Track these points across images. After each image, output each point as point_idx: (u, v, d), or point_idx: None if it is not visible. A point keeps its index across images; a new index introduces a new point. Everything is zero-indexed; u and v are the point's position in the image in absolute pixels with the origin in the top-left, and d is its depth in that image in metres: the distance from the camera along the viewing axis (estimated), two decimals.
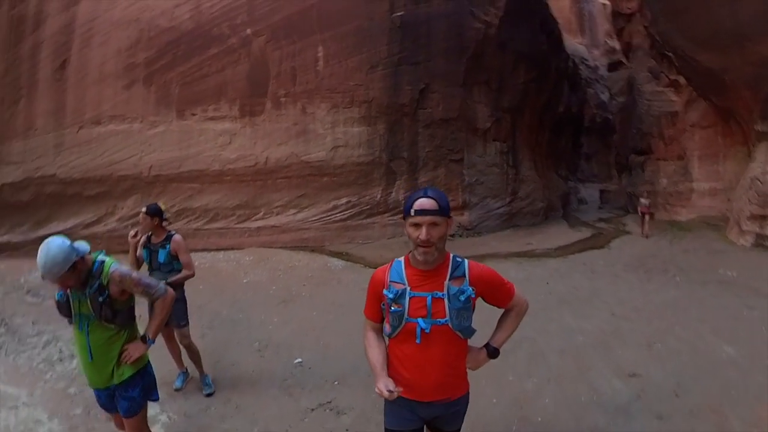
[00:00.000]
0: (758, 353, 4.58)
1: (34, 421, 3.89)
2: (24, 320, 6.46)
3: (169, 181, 10.82)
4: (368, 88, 10.58)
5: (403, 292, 1.93)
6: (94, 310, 2.37)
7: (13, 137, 12.29)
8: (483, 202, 12.49)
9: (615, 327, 5.56)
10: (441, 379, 1.97)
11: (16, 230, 12.16)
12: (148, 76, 11.30)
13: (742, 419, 3.49)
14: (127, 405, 2.55)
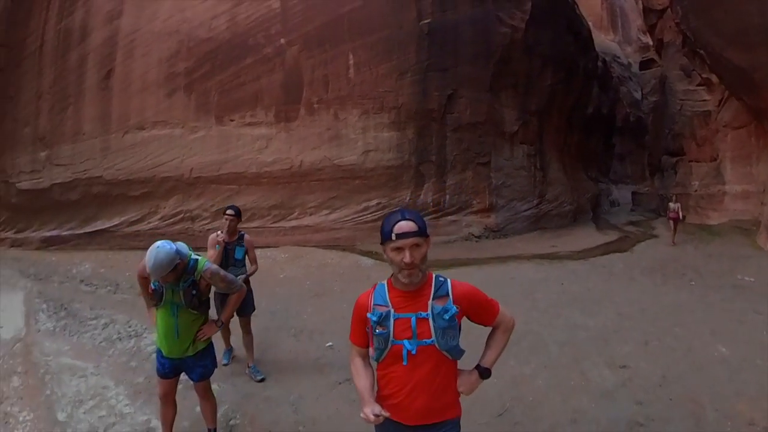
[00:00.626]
0: (751, 354, 4.81)
1: (102, 387, 4.50)
2: (82, 306, 7.16)
3: (209, 182, 11.55)
4: (398, 95, 11.11)
5: (387, 314, 1.94)
6: (186, 299, 2.98)
7: (62, 141, 13.25)
8: (510, 204, 12.82)
9: (618, 325, 5.87)
10: (429, 402, 1.95)
11: (64, 226, 13.08)
12: (189, 85, 12.07)
13: (718, 411, 3.79)
14: (201, 371, 3.21)
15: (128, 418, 3.96)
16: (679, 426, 3.64)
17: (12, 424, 3.76)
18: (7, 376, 4.62)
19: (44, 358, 5.07)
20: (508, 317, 2.10)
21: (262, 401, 4.29)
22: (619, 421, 3.75)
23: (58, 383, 4.50)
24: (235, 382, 4.51)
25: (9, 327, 6.08)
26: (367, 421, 1.84)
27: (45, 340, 5.63)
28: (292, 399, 4.26)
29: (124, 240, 12.17)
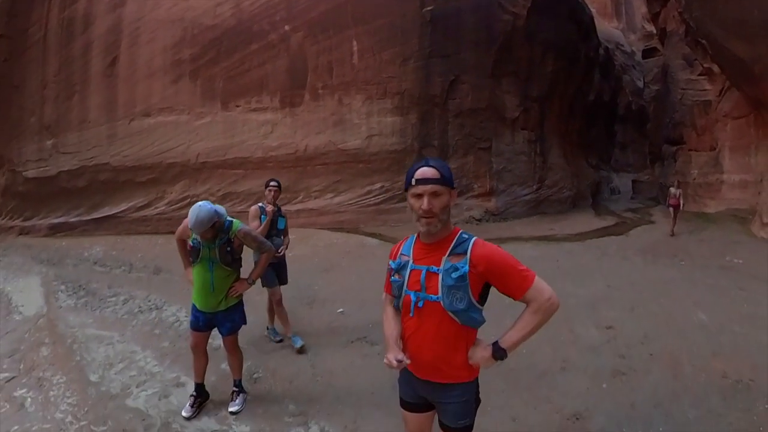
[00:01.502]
0: (729, 321, 5.10)
1: (129, 351, 4.76)
2: (99, 285, 7.43)
3: (215, 167, 11.78)
4: (401, 80, 11.34)
5: (406, 263, 1.93)
6: (221, 256, 3.29)
7: (68, 129, 13.40)
8: (510, 189, 13.11)
9: (606, 294, 6.23)
10: (432, 360, 1.90)
11: (72, 213, 13.28)
12: (194, 71, 12.25)
13: (694, 366, 4.10)
14: (230, 326, 3.51)
15: (158, 375, 4.22)
16: (657, 376, 3.95)
17: (46, 387, 3.99)
18: (36, 347, 4.83)
19: (70, 329, 5.32)
20: (546, 296, 1.82)
21: (281, 358, 4.58)
22: (603, 370, 4.09)
23: (86, 350, 4.76)
24: (257, 343, 4.82)
25: (30, 305, 6.31)
26: (390, 366, 1.82)
27: (68, 315, 5.88)
28: (309, 355, 4.56)
29: (132, 225, 12.39)
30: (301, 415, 3.59)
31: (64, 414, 3.59)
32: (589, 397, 3.69)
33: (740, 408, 3.46)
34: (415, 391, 2.07)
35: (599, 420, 3.39)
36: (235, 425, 3.48)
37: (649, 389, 3.77)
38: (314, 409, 3.66)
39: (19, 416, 3.58)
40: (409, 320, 1.93)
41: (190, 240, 3.30)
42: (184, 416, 3.47)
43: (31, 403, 3.77)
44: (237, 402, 3.65)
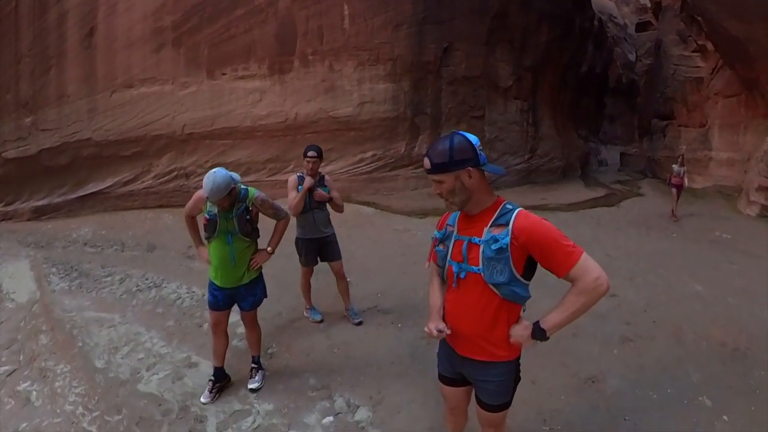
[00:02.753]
0: (723, 293, 5.37)
1: (134, 333, 4.54)
2: (92, 266, 7.12)
3: (202, 138, 11.36)
4: (393, 46, 10.95)
5: (450, 234, 1.91)
6: (240, 226, 3.07)
7: (47, 105, 12.63)
8: (502, 158, 13.00)
9: (606, 264, 6.31)
10: (470, 334, 1.87)
11: (55, 192, 12.71)
12: (177, 39, 11.64)
13: (695, 333, 4.31)
14: (252, 300, 3.33)
15: (167, 357, 4.05)
16: (662, 343, 4.15)
17: (50, 377, 3.77)
18: (34, 335, 4.59)
19: (67, 314, 5.05)
20: (593, 276, 1.71)
21: (294, 331, 4.44)
22: (612, 336, 4.27)
23: (88, 335, 4.53)
24: (264, 315, 4.58)
25: (22, 291, 5.99)
26: (430, 335, 1.81)
27: (63, 299, 5.59)
28: (322, 327, 4.44)
29: (118, 201, 11.95)
30: (324, 389, 3.47)
31: (74, 405, 3.39)
32: (602, 361, 3.84)
33: (738, 373, 3.67)
34: (453, 366, 2.04)
35: (613, 383, 3.53)
36: (257, 403, 3.33)
37: (655, 354, 3.95)
38: (336, 382, 3.55)
39: (27, 412, 3.36)
40: (451, 291, 1.91)
41: (205, 213, 3.07)
42: (203, 402, 3.28)
43: (36, 396, 3.55)
44: (256, 379, 3.50)
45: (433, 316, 1.94)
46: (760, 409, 3.19)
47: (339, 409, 3.23)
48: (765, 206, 10.01)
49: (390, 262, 6.64)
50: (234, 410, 3.24)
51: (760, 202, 10.14)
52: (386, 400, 3.29)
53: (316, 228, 4.40)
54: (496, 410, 1.98)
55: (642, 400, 3.30)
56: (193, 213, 3.31)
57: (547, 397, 3.30)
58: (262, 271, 3.44)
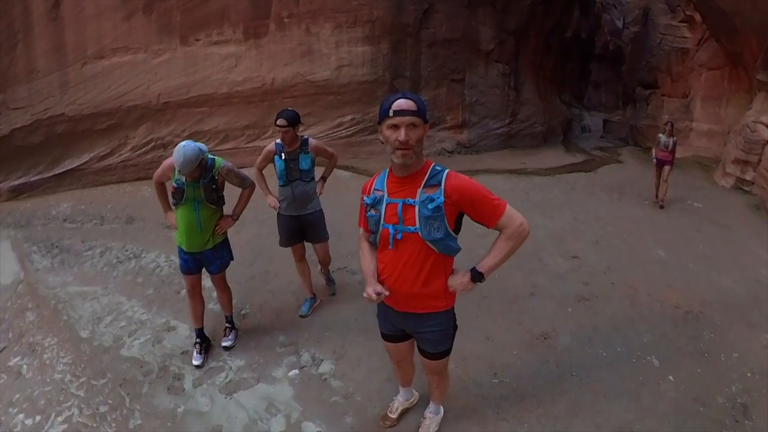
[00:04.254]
0: (685, 259, 5.53)
1: (115, 303, 4.69)
2: (72, 241, 7.17)
3: (178, 107, 11.21)
4: (372, 8, 10.74)
5: (381, 198, 1.97)
6: (206, 194, 3.18)
7: (16, 83, 12.11)
8: (482, 122, 12.99)
9: (573, 227, 6.57)
10: (412, 289, 1.97)
11: (31, 171, 12.42)
12: (148, 5, 11.27)
13: (650, 295, 4.49)
14: (219, 263, 3.47)
15: (148, 323, 4.22)
16: (616, 303, 4.33)
17: (39, 351, 3.93)
18: (20, 314, 4.71)
19: (51, 290, 5.18)
20: (517, 223, 1.91)
21: (266, 293, 4.60)
22: (568, 295, 4.44)
23: (72, 308, 4.67)
24: (239, 279, 4.77)
25: (6, 272, 6.01)
26: (369, 299, 1.94)
27: (47, 276, 5.70)
28: (293, 289, 4.58)
29: (96, 176, 11.78)
30: (292, 345, 3.67)
31: (62, 374, 3.56)
32: (556, 319, 4.04)
33: (689, 335, 3.86)
34: (394, 324, 2.18)
35: (564, 340, 3.73)
36: (230, 360, 3.51)
37: (610, 314, 4.14)
38: (303, 338, 3.76)
39: (18, 384, 3.52)
40: (387, 253, 1.98)
41: (173, 181, 3.17)
42: (196, 365, 3.46)
43: (27, 369, 3.71)
44: (230, 337, 3.66)
45: (369, 281, 2.02)
46: (705, 371, 3.37)
47: (304, 363, 3.46)
48: (740, 179, 10.19)
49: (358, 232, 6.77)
50: (209, 367, 3.42)
51: (736, 175, 10.32)
52: (348, 354, 3.51)
53: (296, 204, 3.90)
54: (438, 357, 2.18)
55: (591, 358, 3.49)
56: (161, 180, 3.40)
57: (499, 352, 3.50)
58: (227, 236, 3.55)
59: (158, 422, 2.97)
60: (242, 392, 3.16)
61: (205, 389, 3.23)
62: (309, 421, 2.87)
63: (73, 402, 3.23)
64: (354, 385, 3.16)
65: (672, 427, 2.77)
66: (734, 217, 7.80)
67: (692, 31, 14.59)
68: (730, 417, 2.92)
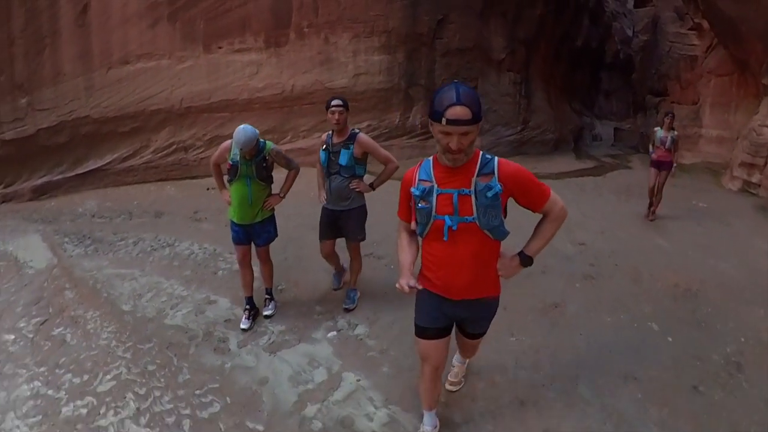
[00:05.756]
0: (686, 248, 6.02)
1: (154, 282, 5.06)
2: (103, 233, 7.57)
3: (200, 111, 11.79)
4: (388, 19, 11.33)
5: (431, 189, 1.96)
6: (257, 172, 3.68)
7: (43, 85, 12.79)
8: (494, 129, 13.49)
9: (581, 221, 7.08)
10: (469, 278, 2.02)
11: (54, 171, 12.98)
12: (172, 14, 11.93)
13: (651, 275, 4.99)
14: (266, 236, 3.96)
15: (188, 298, 4.59)
16: (620, 281, 4.85)
17: (82, 323, 4.25)
18: (59, 292, 4.97)
19: (88, 273, 5.48)
20: (559, 206, 2.03)
21: (300, 271, 5.03)
22: (575, 274, 4.98)
23: (111, 287, 4.99)
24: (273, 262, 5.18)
25: (39, 259, 6.30)
26: (401, 291, 1.94)
27: (81, 261, 6.00)
28: (325, 267, 4.97)
29: (118, 177, 12.34)
30: (328, 313, 4.10)
31: (107, 341, 3.89)
32: (565, 292, 4.55)
33: (687, 308, 4.29)
34: (445, 313, 2.18)
35: (573, 308, 4.22)
36: (272, 325, 3.92)
37: (613, 290, 4.63)
38: (338, 309, 4.17)
39: (63, 350, 3.83)
40: (442, 244, 2.00)
41: (229, 160, 3.67)
42: (243, 328, 3.88)
43: (71, 337, 4.01)
44: (269, 307, 4.09)
45: (404, 273, 2.02)
46: (702, 335, 3.81)
47: (341, 327, 3.89)
48: (746, 181, 10.52)
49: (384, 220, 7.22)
50: (252, 332, 3.84)
51: (742, 178, 10.67)
52: (381, 320, 3.95)
53: (333, 198, 3.95)
54: (481, 336, 2.43)
55: (597, 322, 3.96)
56: (219, 161, 3.92)
57: (516, 318, 3.97)
58: (274, 213, 3.99)
59: (207, 376, 3.35)
60: (285, 351, 3.58)
61: (250, 349, 3.64)
62: (349, 371, 3.28)
63: (121, 362, 3.58)
64: (388, 342, 3.60)
65: (671, 375, 3.17)
66: (737, 215, 8.17)
67: (700, 38, 14.93)
68: (724, 371, 3.31)
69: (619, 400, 2.95)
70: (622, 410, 2.86)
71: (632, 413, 2.83)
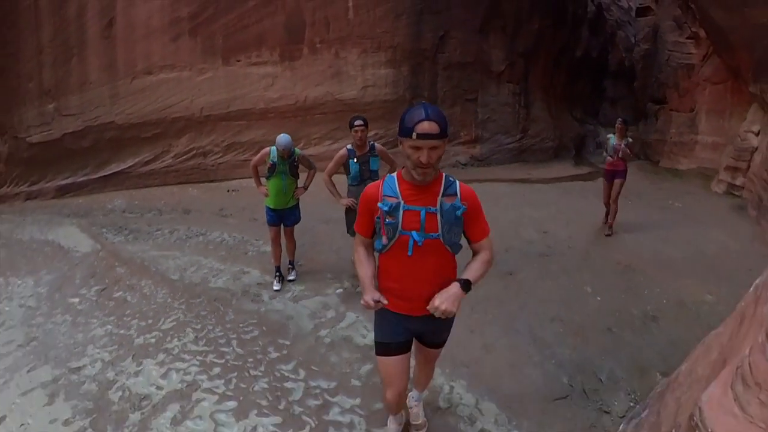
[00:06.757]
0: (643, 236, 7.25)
1: (195, 260, 6.42)
2: (138, 225, 8.87)
3: (219, 120, 13.26)
4: (394, 35, 12.82)
5: (397, 205, 2.09)
6: (290, 169, 5.16)
7: (69, 92, 14.27)
8: (494, 137, 14.89)
9: (554, 216, 8.34)
10: (430, 291, 2.12)
11: (79, 173, 14.38)
12: (193, 29, 13.43)
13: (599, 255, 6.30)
14: (293, 219, 5.40)
15: (226, 270, 5.97)
16: (570, 258, 6.17)
17: (138, 288, 5.49)
18: (110, 269, 6.13)
19: (133, 254, 6.72)
20: (492, 251, 2.23)
21: (315, 253, 6.41)
22: (533, 252, 6.36)
23: (157, 264, 6.28)
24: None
25: (83, 245, 7.41)
26: (367, 307, 2.09)
27: (125, 246, 7.21)
28: (334, 248, 6.35)
29: (139, 179, 13.77)
30: (336, 278, 5.46)
31: (163, 298, 5.15)
32: (520, 265, 5.86)
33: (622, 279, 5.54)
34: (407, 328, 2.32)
35: (524, 275, 5.56)
36: (294, 286, 5.30)
37: (562, 264, 5.94)
38: (344, 275, 5.52)
39: (126, 306, 5.08)
40: (403, 259, 2.15)
41: (269, 161, 5.12)
42: (275, 289, 5.27)
43: (131, 298, 5.25)
44: (292, 274, 5.49)
45: (368, 288, 2.14)
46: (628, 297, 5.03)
47: (346, 286, 5.28)
48: (731, 184, 11.50)
49: None
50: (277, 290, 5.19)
51: (727, 181, 11.67)
52: None
53: None
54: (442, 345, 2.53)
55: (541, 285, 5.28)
56: (258, 164, 5.37)
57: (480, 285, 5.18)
58: (299, 201, 5.44)
59: (247, 315, 4.68)
60: (304, 300, 4.94)
61: (279, 300, 5.00)
62: (351, 312, 4.63)
63: (178, 311, 4.83)
64: None
65: (591, 320, 4.44)
66: (710, 214, 9.14)
67: (698, 47, 15.82)
68: (639, 321, 4.55)
69: (545, 331, 4.23)
70: (545, 337, 4.14)
71: (552, 340, 4.10)
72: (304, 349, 4.01)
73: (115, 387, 3.64)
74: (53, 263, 6.95)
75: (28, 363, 4.12)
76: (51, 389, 3.68)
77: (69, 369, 3.96)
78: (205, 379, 3.62)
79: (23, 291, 5.97)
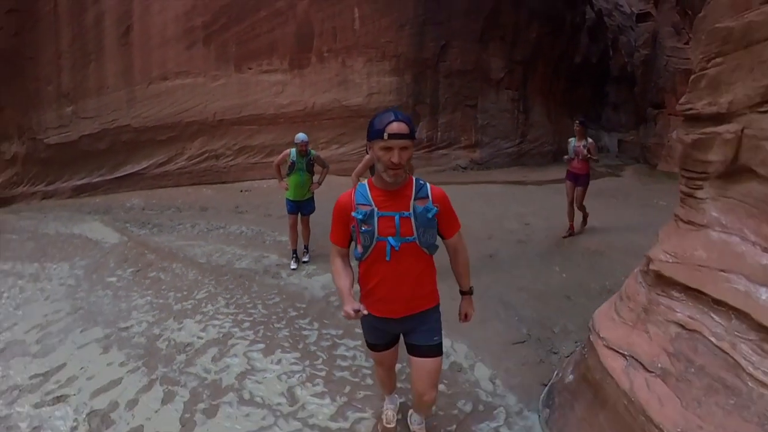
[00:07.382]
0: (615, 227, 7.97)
1: (218, 248, 7.46)
2: (160, 221, 9.80)
3: (231, 124, 14.42)
4: (397, 45, 13.97)
5: (372, 212, 2.16)
6: (307, 166, 6.21)
7: (87, 96, 15.55)
8: (494, 142, 15.97)
9: (537, 211, 9.25)
10: (411, 293, 2.26)
11: (94, 174, 15.62)
12: (207, 38, 14.62)
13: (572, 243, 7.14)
14: (309, 208, 6.47)
15: (248, 255, 6.96)
16: (544, 244, 7.10)
17: (169, 270, 6.43)
18: (141, 256, 6.98)
19: (160, 244, 7.64)
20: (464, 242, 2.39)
21: (325, 240, 7.20)
22: (512, 240, 7.27)
23: (184, 251, 7.26)
24: None
25: (109, 237, 8.29)
26: (348, 317, 2.06)
27: (151, 238, 8.09)
28: None
29: (153, 180, 14.92)
30: None
31: (194, 276, 6.13)
32: (500, 249, 6.81)
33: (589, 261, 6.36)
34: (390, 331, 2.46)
35: (501, 256, 6.51)
36: (308, 266, 6.34)
37: (537, 249, 6.87)
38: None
39: (161, 283, 6.01)
40: (383, 264, 2.22)
41: (290, 159, 6.16)
42: (292, 268, 6.30)
43: (165, 276, 6.20)
44: (306, 256, 6.57)
45: (348, 299, 2.14)
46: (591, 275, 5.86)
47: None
48: None
49: None
50: (293, 268, 6.25)
51: None
52: None
53: None
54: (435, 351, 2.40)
55: (516, 264, 6.23)
56: (280, 163, 6.37)
57: None
58: (314, 195, 6.52)
59: (269, 287, 5.69)
60: (316, 277, 5.96)
61: (295, 276, 6.02)
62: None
63: (209, 285, 5.84)
64: None
65: (553, 290, 5.42)
66: None
67: None
68: (596, 292, 5.46)
69: (513, 297, 5.19)
70: (512, 301, 5.10)
71: (518, 303, 5.07)
72: (317, 309, 5.03)
73: (162, 339, 4.59)
74: (85, 252, 7.84)
75: (79, 326, 4.97)
76: (104, 343, 4.54)
77: (118, 328, 4.87)
78: (237, 331, 4.64)
79: (60, 273, 6.86)
